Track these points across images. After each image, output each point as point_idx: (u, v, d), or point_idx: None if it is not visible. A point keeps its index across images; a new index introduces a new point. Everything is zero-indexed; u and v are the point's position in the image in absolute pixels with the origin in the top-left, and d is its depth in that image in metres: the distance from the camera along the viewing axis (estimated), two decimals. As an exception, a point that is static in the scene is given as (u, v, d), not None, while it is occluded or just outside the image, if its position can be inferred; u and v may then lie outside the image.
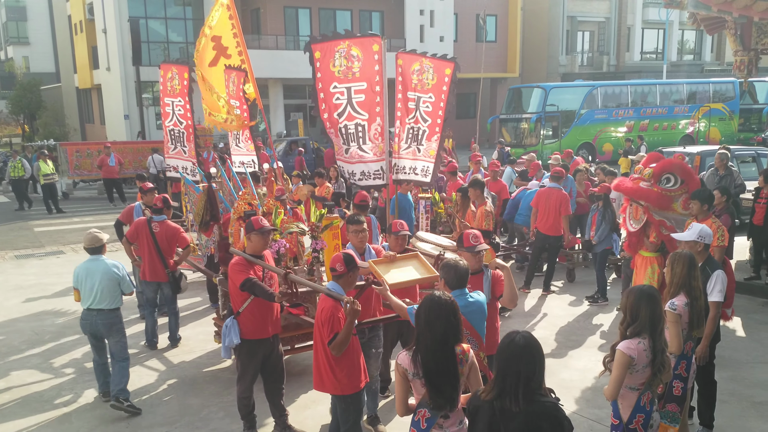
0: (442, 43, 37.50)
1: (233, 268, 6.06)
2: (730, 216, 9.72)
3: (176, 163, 12.00)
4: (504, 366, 3.56)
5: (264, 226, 6.23)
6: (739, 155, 15.57)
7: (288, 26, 35.64)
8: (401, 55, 9.08)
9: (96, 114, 42.19)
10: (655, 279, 7.79)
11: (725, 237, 7.15)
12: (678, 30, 47.10)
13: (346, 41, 8.75)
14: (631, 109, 29.63)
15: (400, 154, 9.27)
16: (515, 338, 3.59)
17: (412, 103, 9.03)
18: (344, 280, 5.18)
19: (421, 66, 8.72)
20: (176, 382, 7.79)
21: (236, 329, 6.04)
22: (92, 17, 37.87)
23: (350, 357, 5.14)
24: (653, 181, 7.43)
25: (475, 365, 4.10)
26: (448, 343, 3.94)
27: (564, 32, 43.30)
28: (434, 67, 8.79)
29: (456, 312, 4.00)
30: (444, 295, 4.05)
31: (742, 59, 12.51)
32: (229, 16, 10.70)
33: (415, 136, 9.18)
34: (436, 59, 8.88)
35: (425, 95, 8.82)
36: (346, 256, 5.21)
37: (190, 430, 6.64)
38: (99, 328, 6.99)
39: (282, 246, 7.17)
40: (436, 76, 8.82)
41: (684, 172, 7.51)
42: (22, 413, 7.07)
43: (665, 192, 7.35)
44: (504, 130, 29.58)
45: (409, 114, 9.19)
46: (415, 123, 9.21)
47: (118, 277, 6.94)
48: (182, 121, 11.68)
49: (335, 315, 4.99)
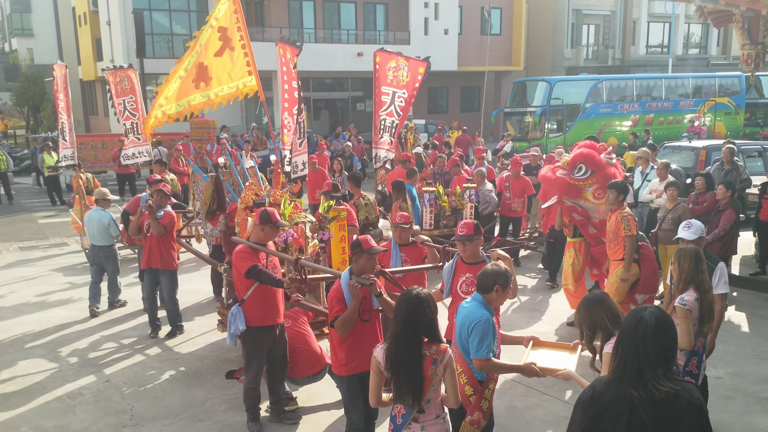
0: (447, 36, 37.39)
1: (238, 256, 6.10)
2: (735, 211, 9.68)
3: (134, 150, 14.55)
4: (638, 347, 3.17)
5: (279, 221, 6.39)
6: (744, 150, 15.50)
7: (292, 19, 35.53)
8: (379, 53, 9.62)
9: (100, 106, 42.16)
10: (570, 263, 8.75)
11: (632, 226, 7.65)
12: (684, 23, 46.90)
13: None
14: (636, 103, 29.51)
15: (378, 144, 9.84)
16: (644, 316, 3.20)
17: (386, 96, 9.69)
18: (362, 263, 5.14)
19: (397, 64, 9.37)
20: (180, 375, 7.79)
21: (242, 316, 6.11)
22: (96, 9, 37.84)
23: (354, 340, 5.16)
24: (569, 170, 8.06)
25: (451, 367, 4.03)
26: (411, 337, 3.96)
27: (569, 25, 43.12)
28: (409, 65, 9.42)
29: (428, 308, 4.03)
30: (420, 291, 4.09)
31: (749, 53, 12.45)
32: (234, 11, 10.80)
33: (388, 127, 9.86)
34: (411, 59, 9.47)
35: (399, 90, 9.45)
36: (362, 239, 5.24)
37: (193, 422, 6.64)
38: (99, 258, 9.97)
39: (290, 235, 7.21)
40: (410, 74, 9.46)
41: (593, 163, 8.03)
42: (26, 404, 7.08)
43: (574, 181, 7.99)
44: (508, 124, 29.49)
45: (382, 107, 9.81)
46: (389, 116, 9.88)
47: (105, 224, 9.77)
48: (134, 113, 14.16)
49: (337, 296, 5.10)
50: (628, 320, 3.27)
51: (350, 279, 5.10)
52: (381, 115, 9.47)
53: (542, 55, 43.66)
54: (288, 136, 9.15)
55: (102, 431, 6.52)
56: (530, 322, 9.27)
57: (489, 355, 4.56)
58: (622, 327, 3.30)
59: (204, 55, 10.78)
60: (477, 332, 4.55)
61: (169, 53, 34.81)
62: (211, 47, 10.90)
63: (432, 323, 4.03)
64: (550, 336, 8.73)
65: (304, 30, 35.59)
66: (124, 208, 10.66)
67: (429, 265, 7.07)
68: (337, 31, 36.47)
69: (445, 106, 42.15)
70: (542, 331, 8.95)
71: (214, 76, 10.67)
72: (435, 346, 3.98)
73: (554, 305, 10.07)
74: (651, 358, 3.14)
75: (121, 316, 9.92)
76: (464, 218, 11.27)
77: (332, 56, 34.19)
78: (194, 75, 10.86)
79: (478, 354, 4.55)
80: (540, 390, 7.12)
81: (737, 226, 9.80)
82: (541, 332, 8.90)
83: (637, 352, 3.16)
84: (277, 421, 6.55)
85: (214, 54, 11.08)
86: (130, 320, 9.76)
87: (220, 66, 10.87)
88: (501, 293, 4.72)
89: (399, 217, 7.24)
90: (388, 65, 9.30)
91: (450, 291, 5.85)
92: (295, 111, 9.11)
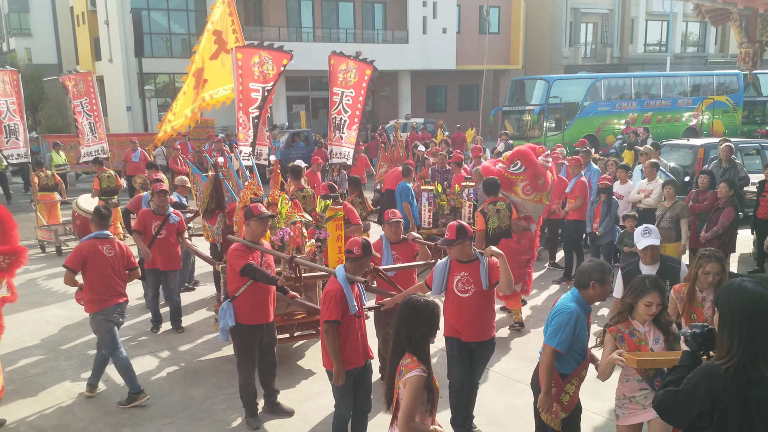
0: (445, 35, 37.39)
1: (232, 254, 6.21)
2: (734, 208, 9.69)
3: (94, 148, 15.24)
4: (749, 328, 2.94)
5: (262, 212, 6.40)
6: (742, 148, 15.51)
7: (290, 18, 35.52)
8: (333, 56, 10.09)
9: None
10: None
11: (477, 221, 8.61)
12: (682, 22, 46.90)
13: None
14: (635, 101, 29.51)
15: (332, 141, 10.42)
16: (748, 288, 2.99)
17: (336, 97, 10.17)
18: (356, 265, 5.38)
19: (347, 66, 9.91)
20: (179, 373, 7.79)
21: (231, 312, 6.22)
22: (94, 8, 37.82)
23: (344, 337, 5.31)
24: (507, 164, 8.73)
25: (410, 385, 3.75)
26: (398, 343, 3.94)
27: (567, 24, 43.13)
28: (357, 68, 9.98)
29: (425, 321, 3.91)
30: (427, 301, 3.97)
31: (747, 51, 12.45)
32: (229, 13, 11.05)
33: (338, 125, 10.34)
34: (359, 61, 9.98)
35: (347, 90, 10.02)
36: (365, 242, 5.44)
37: (192, 421, 6.64)
38: None
39: (286, 234, 7.27)
40: (358, 75, 9.96)
41: (528, 161, 8.59)
42: (25, 404, 7.08)
43: (508, 174, 8.59)
44: (507, 122, 29.48)
45: (333, 106, 10.36)
46: (338, 114, 10.36)
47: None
48: (90, 114, 15.12)
49: (336, 298, 5.21)
50: (729, 295, 3.07)
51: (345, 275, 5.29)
52: (333, 114, 10.08)
53: (540, 53, 43.67)
54: (243, 133, 9.62)
55: (101, 430, 6.52)
56: (534, 320, 9.28)
57: (559, 347, 4.66)
58: (729, 301, 3.05)
59: (201, 59, 10.94)
60: (556, 321, 4.69)
61: (167, 52, 34.80)
62: (208, 51, 11.06)
63: (423, 338, 3.89)
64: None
65: (303, 29, 35.57)
66: (125, 207, 10.72)
67: (421, 263, 7.15)
68: (336, 30, 36.47)
69: (444, 104, 42.16)
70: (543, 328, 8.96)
71: (209, 78, 10.83)
72: (409, 358, 3.85)
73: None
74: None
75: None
76: (463, 217, 11.29)
77: (331, 55, 34.16)
78: (194, 83, 11.10)
79: (549, 341, 4.69)
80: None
81: (736, 223, 9.81)
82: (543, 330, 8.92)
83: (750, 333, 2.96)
84: (271, 412, 6.68)
85: (210, 57, 11.23)
86: (128, 320, 9.74)
87: (214, 69, 11.01)
88: (598, 289, 4.73)
89: (391, 213, 7.32)
90: (339, 68, 9.86)
91: (441, 288, 5.86)
92: (252, 110, 9.59)
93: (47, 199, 15.04)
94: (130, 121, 33.75)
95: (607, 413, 6.54)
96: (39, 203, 14.86)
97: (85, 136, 15.30)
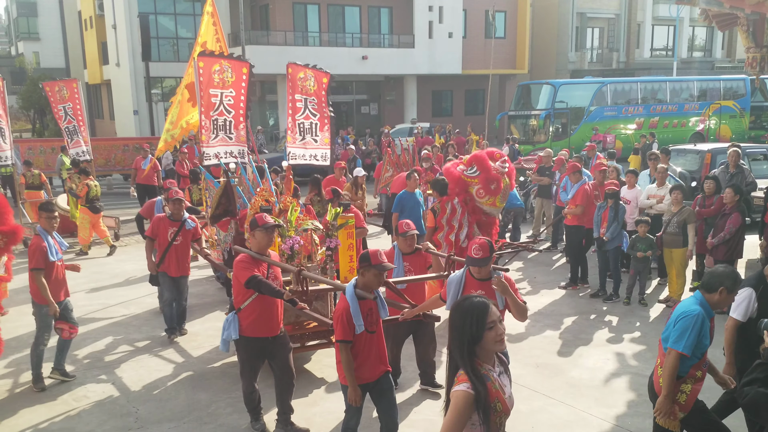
0: (451, 40, 37.44)
1: (238, 265, 6.05)
2: (741, 214, 9.65)
3: (77, 149, 15.76)
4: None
5: (267, 222, 6.19)
6: (750, 153, 15.46)
7: (297, 22, 35.63)
8: (291, 65, 10.29)
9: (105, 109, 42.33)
10: None
11: (429, 218, 9.12)
12: (688, 27, 46.86)
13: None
14: (641, 106, 29.49)
15: (294, 143, 10.52)
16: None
17: (300, 103, 10.43)
18: (368, 277, 5.27)
19: (305, 74, 10.21)
20: (185, 378, 7.79)
21: (236, 325, 6.07)
22: (102, 13, 38.00)
23: (358, 351, 5.25)
24: (466, 167, 9.01)
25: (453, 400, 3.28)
26: (450, 356, 3.43)
27: (573, 29, 43.13)
28: (315, 76, 10.32)
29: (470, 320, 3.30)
30: (480, 299, 3.37)
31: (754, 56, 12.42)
32: (213, 23, 11.35)
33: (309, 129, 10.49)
34: (316, 70, 10.37)
35: (310, 97, 10.32)
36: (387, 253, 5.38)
37: (198, 425, 6.64)
38: None
39: (296, 242, 7.14)
40: (316, 83, 10.34)
41: (483, 166, 8.87)
42: (31, 407, 7.08)
43: (465, 177, 8.90)
44: (513, 127, 29.49)
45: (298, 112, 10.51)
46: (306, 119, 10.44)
47: None
48: (74, 117, 15.68)
49: (342, 318, 5.15)
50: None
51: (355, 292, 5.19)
52: (298, 119, 10.36)
53: (547, 58, 43.67)
54: (205, 136, 10.04)
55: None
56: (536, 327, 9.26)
57: (685, 351, 4.61)
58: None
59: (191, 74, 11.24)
60: (681, 324, 4.64)
61: (174, 57, 34.94)
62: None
63: (471, 343, 3.29)
64: (557, 340, 8.73)
65: (309, 33, 35.66)
66: (138, 213, 10.77)
67: (433, 275, 6.99)
68: (342, 34, 36.54)
69: (450, 109, 42.18)
70: (547, 334, 8.95)
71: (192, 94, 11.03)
72: (462, 369, 3.31)
73: (560, 308, 10.06)
74: None
75: (126, 319, 9.93)
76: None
77: (337, 60, 34.22)
78: (188, 95, 11.37)
79: (675, 345, 4.64)
80: (545, 393, 7.10)
81: (743, 229, 9.77)
82: (546, 336, 8.90)
83: None
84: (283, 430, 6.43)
85: None
86: (134, 323, 9.77)
87: None
88: (725, 296, 4.69)
89: (405, 225, 7.06)
90: (298, 76, 10.23)
91: None
92: (213, 113, 10.05)
93: (33, 198, 15.61)
94: (137, 125, 33.88)
95: (613, 419, 6.52)
96: (26, 201, 15.52)
97: (66, 139, 15.99)
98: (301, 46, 34.33)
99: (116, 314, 10.17)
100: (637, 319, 9.55)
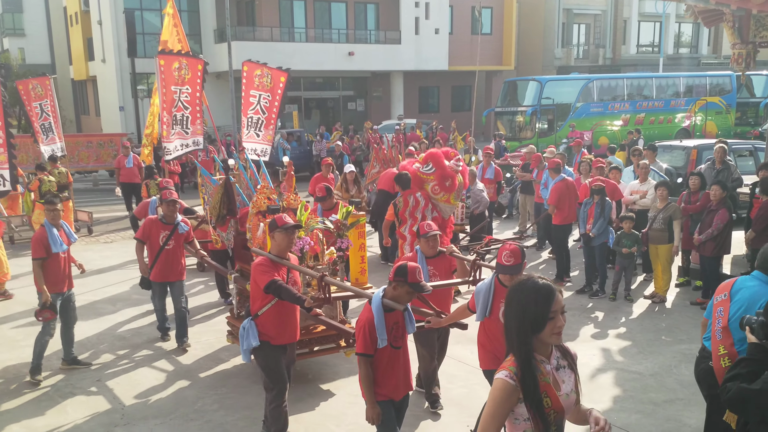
0: (437, 36, 37.44)
1: (256, 269, 5.70)
2: (728, 210, 9.70)
3: (50, 147, 15.95)
4: None
5: (287, 222, 5.85)
6: (736, 149, 15.55)
7: (283, 18, 35.50)
8: (246, 63, 10.81)
9: (91, 105, 42.03)
10: None
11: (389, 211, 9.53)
12: (675, 23, 47.07)
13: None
14: (627, 103, 29.58)
15: (246, 139, 11.00)
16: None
17: (254, 99, 10.86)
18: (400, 292, 4.81)
19: (262, 72, 10.65)
20: (171, 374, 7.76)
21: (254, 331, 5.72)
22: (87, 9, 37.74)
23: (384, 367, 4.93)
24: (422, 164, 9.19)
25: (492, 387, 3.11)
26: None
27: (560, 25, 43.21)
28: (272, 74, 10.68)
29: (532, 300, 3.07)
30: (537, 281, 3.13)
31: (740, 52, 12.44)
32: (174, 24, 11.60)
33: (255, 123, 10.94)
34: (273, 69, 10.74)
35: (264, 93, 10.75)
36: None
37: (184, 421, 6.62)
38: None
39: (306, 244, 6.72)
40: (273, 81, 10.69)
41: (438, 163, 9.08)
42: (17, 403, 7.06)
43: (421, 174, 9.08)
44: (499, 123, 29.51)
45: (250, 107, 10.93)
46: (255, 114, 10.88)
47: None
48: (49, 114, 16.15)
49: (365, 330, 4.80)
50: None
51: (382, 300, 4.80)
52: (249, 113, 10.82)
53: (533, 54, 43.73)
54: (166, 131, 10.33)
55: (93, 430, 6.49)
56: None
57: None
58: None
59: None
60: (753, 296, 4.42)
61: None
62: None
63: (530, 327, 3.05)
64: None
65: (295, 29, 35.55)
66: (132, 214, 10.65)
67: (458, 280, 6.48)
68: (328, 30, 36.47)
69: (436, 105, 42.20)
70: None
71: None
72: (510, 354, 3.12)
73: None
74: None
75: (113, 317, 9.87)
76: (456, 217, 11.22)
77: (323, 56, 34.22)
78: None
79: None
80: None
81: (730, 225, 9.82)
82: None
83: None
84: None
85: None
86: (121, 320, 9.72)
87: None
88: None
89: (426, 226, 6.51)
90: (254, 73, 10.66)
91: (486, 313, 5.36)
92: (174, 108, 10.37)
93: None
94: (122, 121, 33.67)
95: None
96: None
97: (41, 136, 16.16)
98: (287, 41, 34.22)
99: (103, 311, 10.11)
100: (623, 315, 9.59)
